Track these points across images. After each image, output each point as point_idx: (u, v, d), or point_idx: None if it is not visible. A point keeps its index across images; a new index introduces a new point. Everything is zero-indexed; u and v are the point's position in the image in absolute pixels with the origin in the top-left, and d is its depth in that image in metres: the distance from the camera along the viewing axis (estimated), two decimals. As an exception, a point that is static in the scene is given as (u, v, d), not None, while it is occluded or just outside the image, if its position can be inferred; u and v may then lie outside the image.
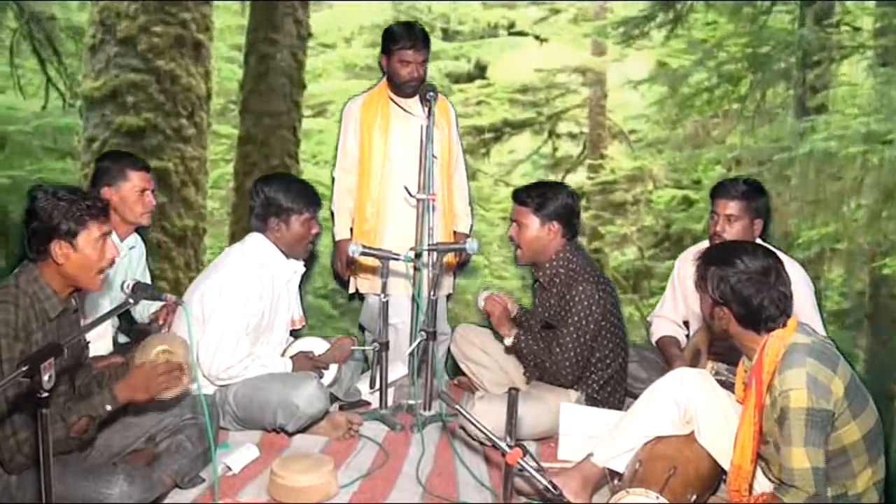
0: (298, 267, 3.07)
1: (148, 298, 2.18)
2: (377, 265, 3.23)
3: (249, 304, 2.86)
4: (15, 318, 2.07)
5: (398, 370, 3.32)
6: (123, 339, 3.15)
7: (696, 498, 2.24)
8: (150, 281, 3.22)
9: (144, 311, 3.12)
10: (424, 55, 3.30)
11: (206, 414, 2.37)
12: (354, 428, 2.94)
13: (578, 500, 2.38)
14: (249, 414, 2.84)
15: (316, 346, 3.11)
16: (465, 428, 2.91)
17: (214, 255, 3.72)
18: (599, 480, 2.46)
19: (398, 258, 2.98)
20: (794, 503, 2.06)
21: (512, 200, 3.02)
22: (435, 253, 3.06)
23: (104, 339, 2.85)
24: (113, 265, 2.24)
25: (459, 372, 3.44)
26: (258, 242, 2.96)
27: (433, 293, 3.03)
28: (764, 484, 2.31)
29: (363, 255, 3.02)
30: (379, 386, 3.11)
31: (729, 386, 2.47)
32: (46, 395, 1.70)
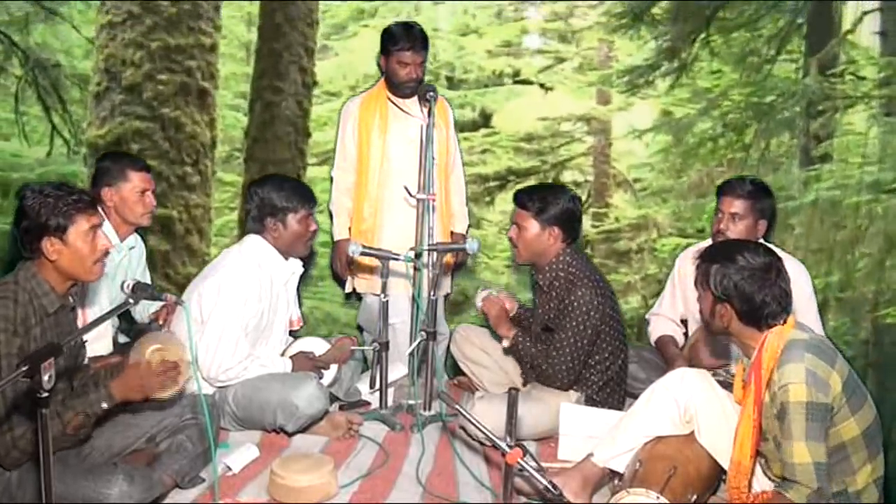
0: (297, 267, 3.07)
1: (148, 298, 2.18)
2: (375, 265, 3.24)
3: (248, 305, 2.85)
4: (14, 313, 2.08)
5: (398, 370, 3.32)
6: (123, 339, 3.15)
7: (696, 498, 2.24)
8: (150, 281, 3.22)
9: (144, 311, 3.12)
10: (423, 56, 3.30)
11: (206, 414, 2.37)
12: (354, 428, 2.94)
13: (578, 500, 2.38)
14: (249, 414, 2.84)
15: (316, 346, 3.12)
16: (465, 428, 2.91)
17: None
18: (599, 480, 2.46)
19: (398, 258, 2.98)
20: (797, 501, 2.06)
21: (513, 202, 3.01)
22: (435, 253, 3.06)
23: (104, 339, 2.84)
24: (108, 255, 2.24)
25: (459, 372, 3.44)
26: (255, 243, 2.96)
27: (433, 293, 3.03)
28: (763, 482, 2.31)
29: (363, 254, 3.02)
30: (379, 386, 3.11)
31: (727, 386, 2.47)
32: (46, 394, 1.70)
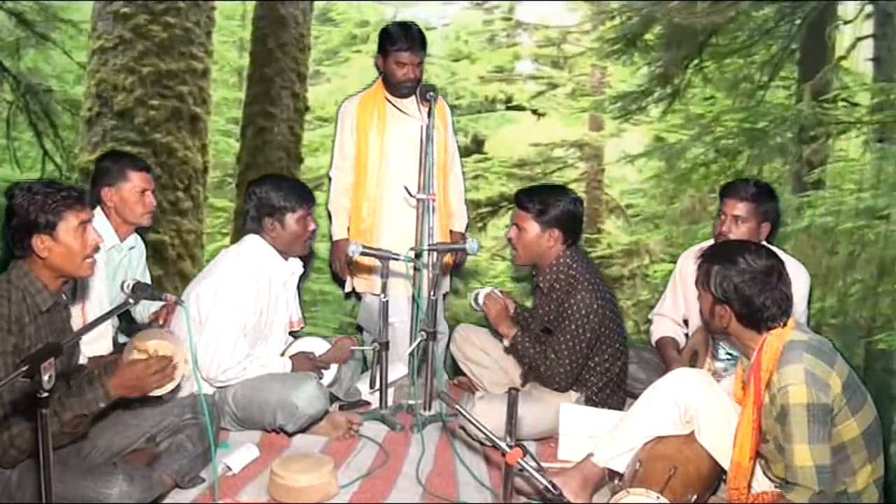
0: (296, 267, 3.07)
1: (148, 298, 2.18)
2: (374, 265, 3.23)
3: (246, 305, 2.85)
4: (8, 311, 2.08)
5: (398, 370, 3.32)
6: (123, 339, 3.14)
7: (696, 498, 2.24)
8: (150, 281, 3.22)
9: (144, 311, 3.12)
10: (421, 57, 3.30)
11: (206, 414, 2.37)
12: (354, 428, 2.94)
13: (578, 500, 2.38)
14: (249, 414, 2.84)
15: (316, 346, 3.11)
16: (465, 428, 2.91)
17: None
18: (599, 480, 2.46)
19: (398, 258, 2.98)
20: (798, 503, 2.06)
21: (514, 203, 3.01)
22: (435, 253, 3.06)
23: (104, 339, 2.84)
24: (98, 251, 2.24)
25: (459, 372, 3.44)
26: (254, 244, 2.96)
27: (433, 293, 3.03)
28: (763, 483, 2.31)
29: (363, 254, 3.01)
30: (379, 386, 3.11)
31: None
32: (46, 394, 1.70)
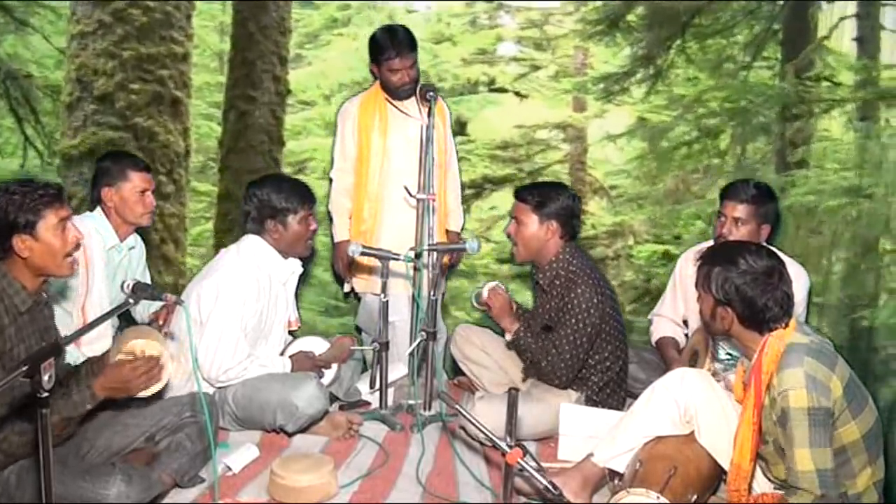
0: (296, 268, 3.06)
1: (148, 298, 2.18)
2: (374, 265, 3.23)
3: (246, 305, 2.85)
4: None
5: (398, 370, 3.32)
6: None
7: (696, 498, 2.24)
8: (149, 281, 3.22)
9: (144, 311, 3.12)
10: (412, 59, 3.28)
11: (205, 413, 2.36)
12: (354, 428, 2.94)
13: (578, 500, 2.38)
14: (249, 414, 2.84)
15: (316, 345, 3.11)
16: (465, 428, 2.91)
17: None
18: (599, 480, 2.46)
19: (398, 258, 2.98)
20: None
21: (514, 198, 3.03)
22: (435, 253, 3.06)
23: (104, 339, 2.84)
24: (79, 248, 2.23)
25: (459, 372, 3.44)
26: (254, 244, 2.95)
27: (433, 293, 3.03)
28: (763, 484, 2.31)
29: (363, 255, 3.02)
30: (379, 386, 3.11)
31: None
32: (46, 395, 1.69)
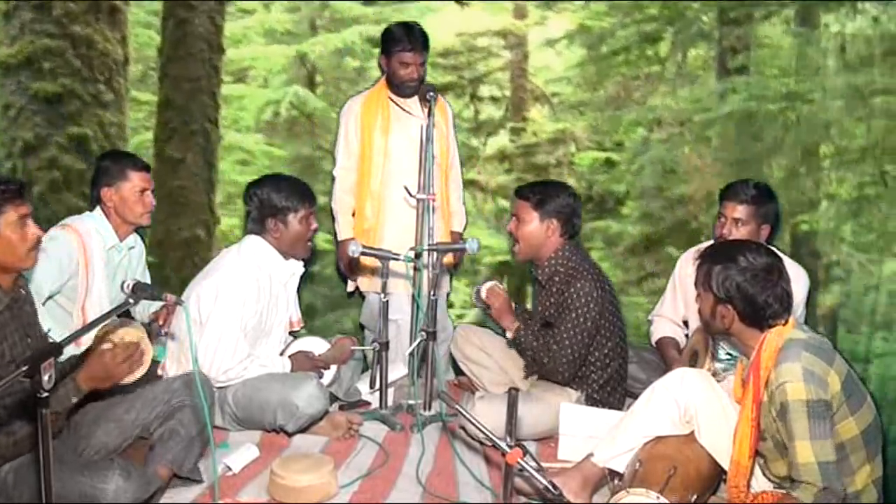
0: (297, 268, 3.06)
1: (148, 298, 2.17)
2: (377, 264, 3.23)
3: (246, 306, 2.85)
4: None
5: (398, 370, 3.32)
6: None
7: (696, 498, 2.24)
8: (149, 281, 3.22)
9: (144, 311, 3.11)
10: (423, 57, 3.32)
11: (201, 396, 2.31)
12: (354, 428, 2.94)
13: (578, 500, 2.38)
14: (249, 414, 2.84)
15: (316, 345, 3.12)
16: (465, 428, 2.91)
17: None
18: (599, 480, 2.46)
19: (398, 258, 2.98)
20: (804, 501, 2.05)
21: (515, 195, 3.04)
22: (435, 253, 3.06)
23: (104, 339, 2.84)
24: (39, 244, 2.21)
25: (460, 372, 3.44)
26: (254, 244, 2.95)
27: (433, 293, 3.04)
28: (763, 482, 2.31)
29: (363, 254, 3.02)
30: (379, 386, 3.11)
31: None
32: (46, 395, 1.69)
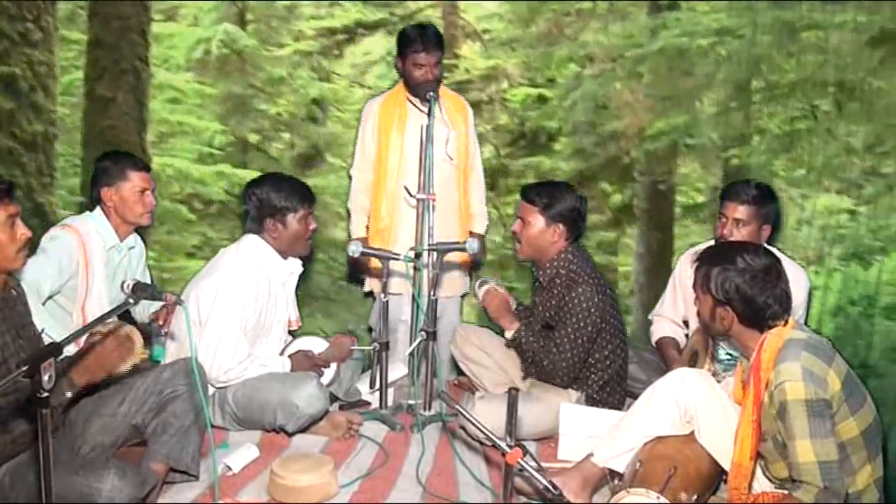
0: (296, 267, 3.06)
1: (148, 298, 2.17)
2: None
3: (245, 306, 2.85)
4: None
5: (398, 370, 3.32)
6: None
7: (696, 498, 2.24)
8: (150, 281, 3.22)
9: (144, 311, 3.11)
10: (437, 57, 3.33)
11: (197, 382, 2.31)
12: (354, 428, 2.94)
13: (578, 500, 2.38)
14: (249, 414, 2.84)
15: (315, 345, 3.11)
16: (465, 428, 2.91)
17: (67, 161, 3.76)
18: (599, 480, 2.46)
19: (398, 258, 2.99)
20: (805, 501, 2.05)
21: (520, 197, 3.02)
22: (435, 253, 3.06)
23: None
24: (29, 244, 2.20)
25: (460, 372, 3.44)
26: (253, 244, 2.95)
27: (433, 293, 3.03)
28: (764, 483, 2.31)
29: (362, 254, 3.03)
30: (379, 386, 3.11)
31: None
32: (46, 394, 1.69)
